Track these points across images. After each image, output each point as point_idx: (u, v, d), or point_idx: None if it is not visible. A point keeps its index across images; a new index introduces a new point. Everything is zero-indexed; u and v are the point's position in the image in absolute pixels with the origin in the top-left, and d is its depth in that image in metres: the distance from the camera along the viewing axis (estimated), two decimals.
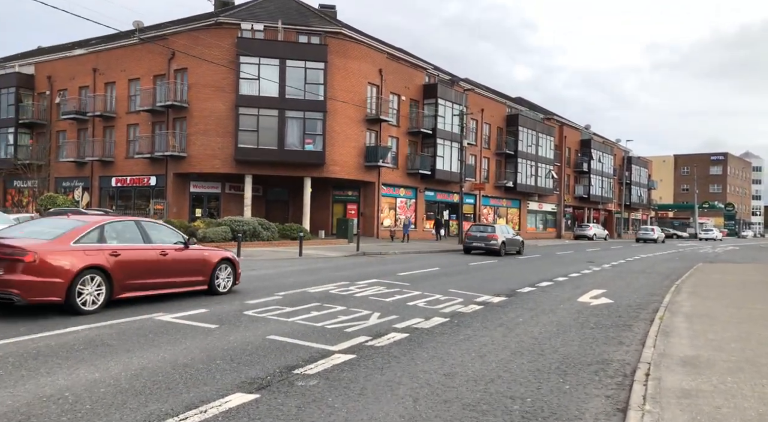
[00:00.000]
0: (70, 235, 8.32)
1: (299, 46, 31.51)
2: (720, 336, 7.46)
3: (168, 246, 9.71)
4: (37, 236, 8.33)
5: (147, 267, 9.17)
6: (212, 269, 10.39)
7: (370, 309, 9.41)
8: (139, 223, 9.68)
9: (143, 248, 9.22)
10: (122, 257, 8.71)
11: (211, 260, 10.44)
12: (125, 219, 9.87)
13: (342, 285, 12.24)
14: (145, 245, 9.29)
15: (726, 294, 12.29)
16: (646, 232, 55.29)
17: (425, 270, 16.55)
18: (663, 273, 18.87)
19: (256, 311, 8.76)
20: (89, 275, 8.15)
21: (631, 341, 7.67)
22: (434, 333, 7.90)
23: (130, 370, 5.42)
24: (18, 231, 8.88)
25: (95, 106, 35.26)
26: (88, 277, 8.14)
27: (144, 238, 9.38)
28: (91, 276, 8.17)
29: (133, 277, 8.85)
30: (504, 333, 8.00)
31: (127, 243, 9.03)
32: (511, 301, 11.20)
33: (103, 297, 8.35)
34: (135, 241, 9.21)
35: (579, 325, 8.80)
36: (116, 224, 9.23)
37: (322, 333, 7.48)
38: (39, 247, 7.82)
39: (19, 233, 8.69)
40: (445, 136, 39.15)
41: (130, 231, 9.33)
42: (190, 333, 7.08)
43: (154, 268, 9.29)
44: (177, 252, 9.78)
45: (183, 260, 9.85)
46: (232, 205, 33.21)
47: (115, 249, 8.70)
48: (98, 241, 8.60)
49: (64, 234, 8.34)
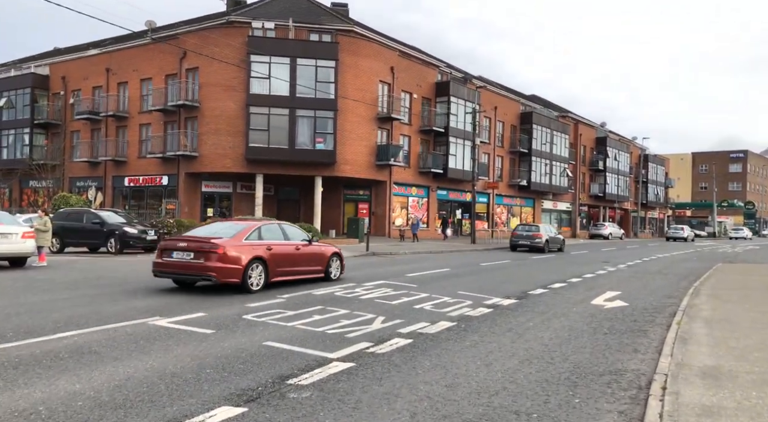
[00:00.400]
0: (242, 234, 11.08)
1: (310, 45, 31.30)
2: (742, 344, 7.04)
3: (299, 242, 12.37)
4: (220, 235, 10.95)
5: (288, 259, 11.81)
6: (327, 261, 13.02)
7: (375, 313, 9.11)
8: (281, 225, 12.63)
9: (285, 244, 11.93)
10: (273, 251, 11.35)
11: (326, 254, 13.09)
12: (272, 222, 12.83)
13: (348, 287, 11.96)
14: (285, 242, 12.01)
15: (748, 296, 11.78)
16: (676, 231, 58.01)
17: (435, 271, 16.21)
18: (681, 273, 18.31)
19: (256, 315, 8.50)
20: (255, 263, 10.78)
21: (646, 349, 7.27)
22: (439, 338, 7.58)
23: (114, 381, 5.17)
24: (203, 232, 11.72)
25: (108, 106, 35.43)
26: (254, 265, 10.77)
27: (284, 236, 12.14)
28: (255, 265, 10.80)
29: (280, 266, 11.48)
30: (512, 339, 7.65)
31: (273, 240, 11.64)
32: (522, 304, 10.82)
33: (263, 281, 10.98)
34: (279, 239, 11.91)
35: (592, 330, 8.42)
36: (268, 225, 12.14)
37: (322, 338, 7.20)
38: (225, 243, 10.51)
39: (204, 233, 11.43)
40: (457, 134, 38.72)
41: (275, 231, 12.09)
42: (183, 339, 6.83)
43: (292, 259, 11.95)
44: (304, 247, 12.40)
45: (308, 253, 12.48)
46: (244, 204, 33.14)
47: (269, 244, 11.37)
48: (258, 239, 11.30)
49: (238, 233, 11.08)
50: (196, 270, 10.52)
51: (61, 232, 18.93)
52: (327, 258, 13.05)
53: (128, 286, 11.32)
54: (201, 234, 11.31)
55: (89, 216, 19.55)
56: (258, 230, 11.48)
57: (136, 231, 19.30)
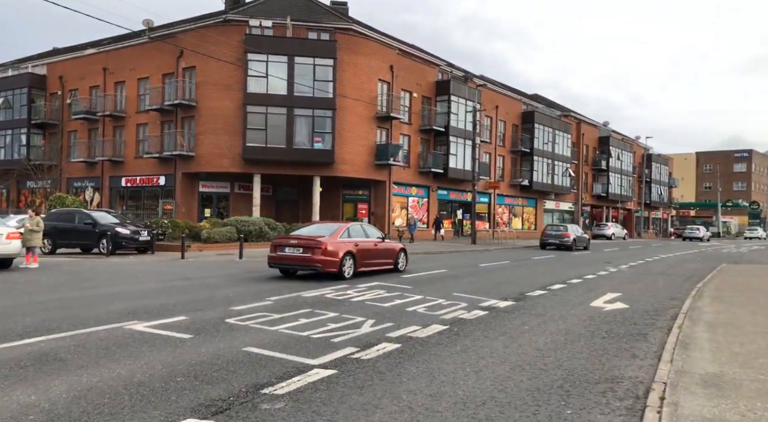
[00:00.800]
0: (337, 234, 13.89)
1: (308, 43, 31.00)
2: (746, 350, 6.69)
3: (375, 240, 15.19)
4: (321, 234, 13.78)
5: (369, 253, 14.53)
6: (396, 255, 15.78)
7: (365, 316, 8.79)
8: (362, 225, 15.94)
9: (366, 241, 14.68)
10: (359, 246, 14.13)
11: (395, 249, 15.89)
12: (356, 223, 15.99)
13: (340, 289, 11.64)
14: (366, 239, 14.77)
15: (753, 299, 11.41)
16: (692, 231, 60.18)
17: (431, 272, 15.88)
18: (684, 274, 17.93)
19: (240, 319, 8.18)
20: (347, 257, 13.57)
21: (645, 354, 6.93)
22: (429, 343, 7.25)
23: (74, 391, 4.85)
24: (306, 231, 14.81)
25: (105, 106, 35.19)
26: (347, 258, 13.56)
27: (365, 235, 14.97)
28: (348, 257, 13.58)
29: (364, 258, 14.26)
30: (506, 344, 7.31)
31: (359, 238, 14.43)
32: (519, 306, 10.49)
33: (352, 270, 13.80)
34: (362, 237, 14.69)
35: (589, 334, 8.08)
36: (354, 226, 15.18)
37: (306, 343, 6.88)
38: (326, 240, 13.35)
39: (308, 232, 14.44)
40: (458, 133, 38.37)
41: (359, 231, 15.02)
42: (158, 345, 6.51)
43: (372, 254, 14.68)
44: (379, 243, 15.18)
45: (383, 249, 15.27)
46: (242, 204, 32.84)
47: (356, 241, 14.18)
48: (348, 237, 14.02)
49: (334, 232, 13.88)
50: (304, 262, 13.36)
51: (52, 233, 18.66)
52: (396, 252, 15.86)
53: (111, 289, 11.01)
54: (306, 234, 14.31)
55: (81, 217, 19.26)
56: (348, 230, 14.43)
57: (129, 231, 19.01)
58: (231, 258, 18.59)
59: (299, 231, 15.75)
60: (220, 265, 16.50)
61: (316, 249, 13.14)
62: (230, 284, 12.08)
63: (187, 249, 20.42)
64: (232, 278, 13.31)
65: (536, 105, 52.28)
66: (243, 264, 16.81)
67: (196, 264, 16.90)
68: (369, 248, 14.53)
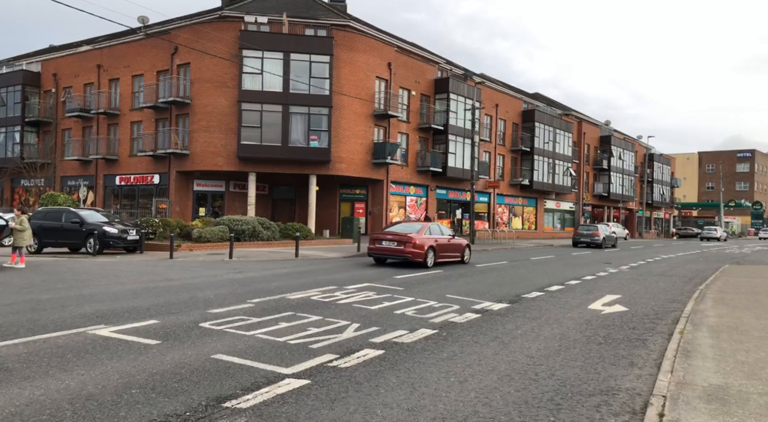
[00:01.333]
0: (422, 231, 17.19)
1: (304, 39, 30.53)
2: (753, 358, 6.23)
3: (448, 237, 18.52)
4: (410, 231, 17.13)
5: (444, 247, 17.88)
6: (463, 250, 19.08)
7: (350, 320, 8.35)
8: (438, 225, 19.16)
9: (442, 237, 18.02)
10: (438, 242, 17.47)
11: (462, 245, 19.14)
12: (434, 224, 19.14)
13: (327, 290, 11.19)
14: (442, 236, 18.11)
15: (758, 301, 10.95)
16: (709, 231, 61.74)
17: (425, 273, 15.41)
18: (685, 276, 17.46)
19: (215, 322, 7.74)
20: (430, 250, 16.89)
21: (644, 362, 6.47)
22: (415, 349, 6.81)
23: (12, 406, 4.41)
24: (398, 229, 17.83)
25: (99, 103, 34.76)
26: (429, 250, 16.87)
27: (441, 232, 18.32)
28: (430, 250, 16.90)
29: (441, 251, 17.62)
30: (496, 351, 6.87)
31: (437, 235, 17.86)
32: (514, 309, 10.04)
33: (433, 261, 17.03)
34: (439, 234, 18.02)
35: (585, 340, 7.63)
36: (433, 225, 18.55)
37: (282, 350, 6.44)
38: (415, 236, 16.70)
39: (399, 230, 17.62)
40: (457, 132, 37.89)
41: (437, 229, 18.34)
42: (120, 352, 6.06)
43: (446, 248, 18.02)
44: (450, 239, 18.45)
45: (453, 244, 18.56)
46: (237, 203, 32.42)
47: (435, 238, 17.52)
48: (429, 234, 17.40)
49: (420, 230, 17.24)
50: (398, 253, 16.79)
51: (39, 232, 18.20)
52: (463, 247, 19.17)
53: (87, 290, 10.54)
54: (398, 231, 17.59)
55: (68, 216, 18.79)
56: (429, 228, 17.86)
57: (117, 230, 18.54)
58: (221, 258, 18.15)
59: (391, 228, 18.71)
60: (207, 265, 16.06)
61: (407, 243, 16.64)
62: (214, 285, 11.64)
63: (177, 249, 20.00)
64: (217, 279, 12.87)
65: (537, 103, 51.78)
66: (232, 265, 16.36)
67: (183, 264, 16.46)
68: (444, 243, 18.03)
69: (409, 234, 16.78)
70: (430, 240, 17.14)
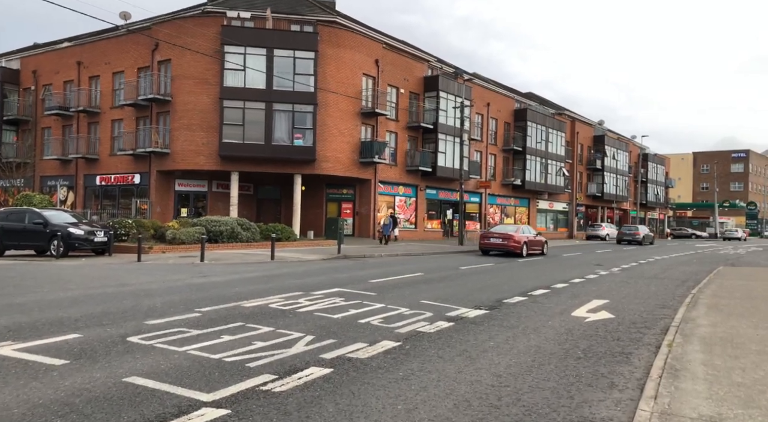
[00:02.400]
0: (518, 230, 24.30)
1: (288, 35, 29.70)
2: (751, 378, 5.43)
3: (534, 235, 25.24)
4: (510, 231, 24.25)
5: (532, 243, 24.36)
6: (543, 245, 25.61)
7: (305, 331, 7.52)
8: (526, 225, 28.31)
9: (530, 235, 24.64)
10: (528, 238, 24.07)
11: (542, 241, 25.65)
12: (523, 225, 26.88)
13: (291, 297, 10.35)
14: (530, 235, 24.67)
15: (755, 308, 10.17)
16: (731, 232, 66.95)
17: (404, 277, 14.59)
18: (678, 278, 16.71)
19: (147, 336, 6.88)
20: (524, 244, 23.48)
21: (626, 382, 5.67)
22: (368, 367, 5.98)
23: None
24: (499, 229, 25.02)
25: (80, 101, 33.83)
26: (524, 245, 23.42)
27: (529, 232, 25.11)
28: (524, 245, 23.44)
29: (530, 246, 24.01)
30: (460, 368, 6.05)
31: (527, 234, 24.50)
32: (491, 316, 9.25)
33: (526, 252, 23.57)
34: (528, 233, 24.72)
35: (563, 354, 6.82)
36: (523, 226, 25.75)
37: (212, 370, 5.60)
38: (514, 234, 23.69)
39: (500, 230, 24.69)
40: (447, 130, 37.11)
41: (526, 229, 25.35)
42: (11, 376, 5.17)
43: (533, 243, 24.51)
44: (534, 237, 24.97)
45: (537, 240, 25.11)
46: (221, 204, 31.53)
47: (527, 236, 24.16)
48: (522, 233, 24.15)
49: (516, 230, 24.31)
50: (503, 247, 23.42)
51: (1, 234, 17.29)
52: (543, 243, 25.94)
53: (22, 298, 9.61)
54: (500, 231, 24.46)
55: (31, 216, 17.84)
56: (521, 228, 25.05)
57: (82, 232, 17.64)
58: (192, 261, 17.29)
59: (493, 229, 25.91)
60: (174, 269, 15.20)
61: (510, 239, 23.51)
62: (168, 291, 10.79)
63: (149, 251, 19.15)
64: (177, 284, 12.02)
65: (529, 103, 51.06)
66: (200, 268, 15.50)
67: (150, 267, 15.60)
68: (532, 239, 24.77)
69: (510, 233, 23.87)
70: (524, 237, 23.92)
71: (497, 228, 25.50)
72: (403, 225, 35.85)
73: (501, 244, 23.41)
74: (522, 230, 24.59)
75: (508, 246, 23.22)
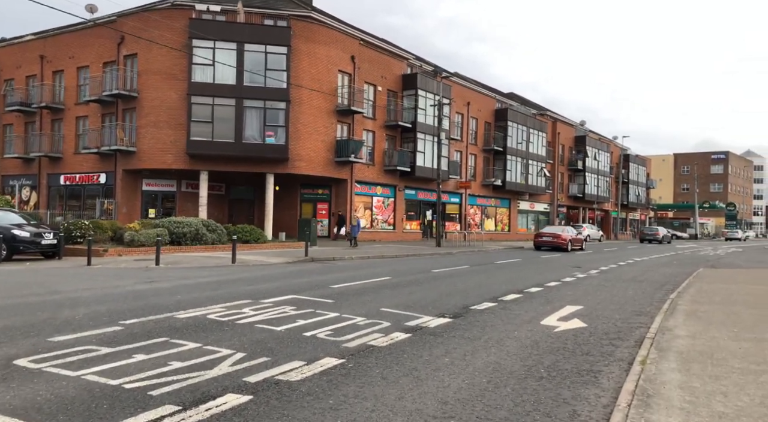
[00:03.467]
0: (563, 230, 32.63)
1: (259, 29, 28.70)
2: (733, 407, 4.65)
3: (575, 233, 33.46)
4: (556, 231, 32.04)
5: (574, 240, 32.02)
6: (581, 242, 33.40)
7: (236, 348, 6.63)
8: (569, 226, 41.01)
9: (573, 234, 32.73)
10: (571, 237, 31.85)
11: (581, 239, 33.77)
12: (567, 226, 37.43)
13: (236, 306, 9.44)
14: (573, 234, 32.85)
15: (735, 314, 9.48)
16: (734, 233, 71.05)
17: (369, 281, 13.72)
18: (657, 281, 16.08)
19: (42, 357, 5.92)
20: (569, 242, 31.16)
21: (590, 412, 4.86)
22: (296, 393, 5.11)
23: None
24: (548, 230, 32.91)
25: (42, 97, 32.48)
26: (568, 242, 31.11)
27: (569, 231, 32.73)
28: (569, 242, 31.13)
29: (573, 243, 31.67)
30: (402, 392, 5.20)
31: (570, 233, 32.46)
32: (454, 325, 8.45)
33: (570, 248, 30.99)
34: (570, 233, 32.60)
35: (524, 372, 6.01)
36: (566, 227, 35.74)
37: (100, 401, 4.69)
38: (561, 233, 31.74)
39: (549, 230, 32.77)
40: (426, 130, 36.35)
41: (569, 229, 33.95)
42: None
43: (575, 241, 32.20)
44: (575, 236, 32.89)
45: (577, 238, 32.94)
46: (190, 204, 30.39)
47: (571, 235, 32.20)
48: (568, 233, 32.07)
49: (562, 230, 32.56)
50: (553, 244, 30.66)
51: None
52: (581, 240, 33.20)
53: None
54: (550, 231, 31.82)
55: None
56: (566, 229, 32.68)
57: (28, 234, 16.52)
58: (146, 264, 16.26)
59: (545, 229, 33.35)
60: (122, 274, 14.17)
61: (559, 238, 30.62)
62: (100, 300, 9.81)
63: (104, 254, 18.08)
64: (115, 291, 11.04)
65: (511, 103, 50.54)
66: (152, 273, 14.47)
67: (96, 272, 14.55)
68: (573, 238, 31.52)
69: (558, 233, 31.27)
70: (568, 236, 31.31)
71: (547, 229, 32.97)
72: (381, 225, 35.03)
73: (551, 241, 30.66)
74: (567, 230, 32.50)
75: (557, 242, 30.47)
